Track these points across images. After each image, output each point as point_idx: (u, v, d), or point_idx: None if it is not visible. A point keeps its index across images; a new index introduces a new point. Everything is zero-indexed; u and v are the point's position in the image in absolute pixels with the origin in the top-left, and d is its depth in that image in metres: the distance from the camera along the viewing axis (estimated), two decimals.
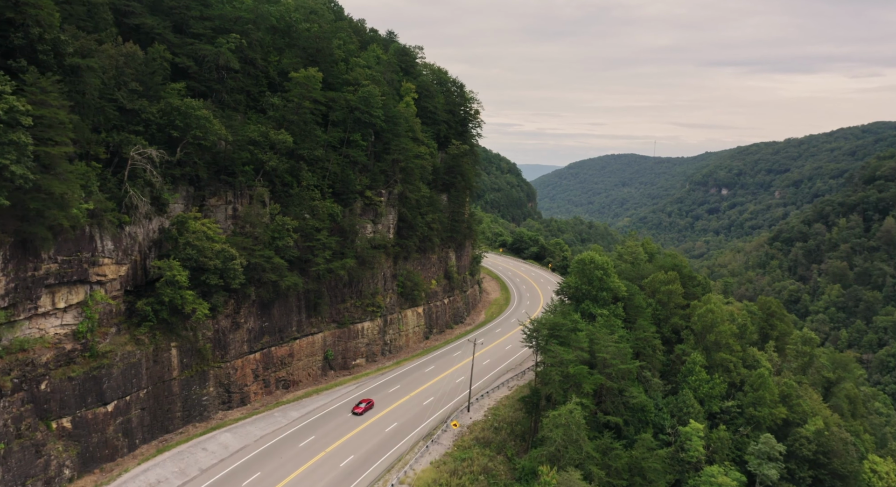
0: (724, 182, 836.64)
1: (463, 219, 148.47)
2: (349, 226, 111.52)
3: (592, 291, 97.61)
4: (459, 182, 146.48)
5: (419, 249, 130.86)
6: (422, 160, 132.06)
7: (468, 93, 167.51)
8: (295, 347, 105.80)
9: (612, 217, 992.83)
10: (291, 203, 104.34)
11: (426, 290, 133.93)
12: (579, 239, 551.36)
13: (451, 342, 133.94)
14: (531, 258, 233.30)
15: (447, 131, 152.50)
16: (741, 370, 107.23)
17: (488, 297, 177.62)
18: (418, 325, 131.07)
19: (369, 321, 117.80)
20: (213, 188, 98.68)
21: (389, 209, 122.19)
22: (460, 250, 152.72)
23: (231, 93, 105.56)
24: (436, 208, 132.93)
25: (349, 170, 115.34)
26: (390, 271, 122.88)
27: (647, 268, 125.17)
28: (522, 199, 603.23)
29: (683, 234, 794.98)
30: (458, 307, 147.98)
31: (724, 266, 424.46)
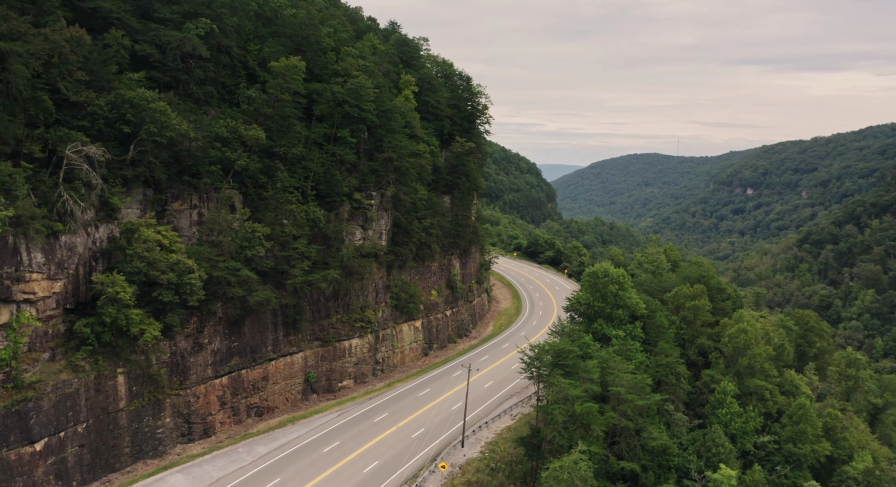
0: (750, 182, 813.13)
1: (468, 223, 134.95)
2: (333, 232, 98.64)
3: (606, 308, 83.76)
4: (464, 183, 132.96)
5: (416, 256, 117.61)
6: (420, 159, 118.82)
7: (475, 87, 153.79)
8: (270, 369, 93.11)
9: (634, 218, 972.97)
10: (266, 207, 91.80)
11: (425, 302, 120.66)
12: (600, 240, 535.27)
13: (453, 359, 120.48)
14: (547, 263, 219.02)
15: (451, 128, 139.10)
16: (778, 398, 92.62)
17: (498, 306, 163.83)
18: (415, 341, 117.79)
19: (358, 337, 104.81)
20: (176, 191, 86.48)
21: (381, 213, 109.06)
22: (465, 256, 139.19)
23: (201, 84, 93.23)
24: (436, 212, 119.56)
25: (335, 170, 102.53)
26: (382, 282, 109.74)
27: (670, 279, 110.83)
28: (542, 199, 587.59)
29: (708, 235, 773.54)
30: (462, 318, 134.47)
31: (751, 269, 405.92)
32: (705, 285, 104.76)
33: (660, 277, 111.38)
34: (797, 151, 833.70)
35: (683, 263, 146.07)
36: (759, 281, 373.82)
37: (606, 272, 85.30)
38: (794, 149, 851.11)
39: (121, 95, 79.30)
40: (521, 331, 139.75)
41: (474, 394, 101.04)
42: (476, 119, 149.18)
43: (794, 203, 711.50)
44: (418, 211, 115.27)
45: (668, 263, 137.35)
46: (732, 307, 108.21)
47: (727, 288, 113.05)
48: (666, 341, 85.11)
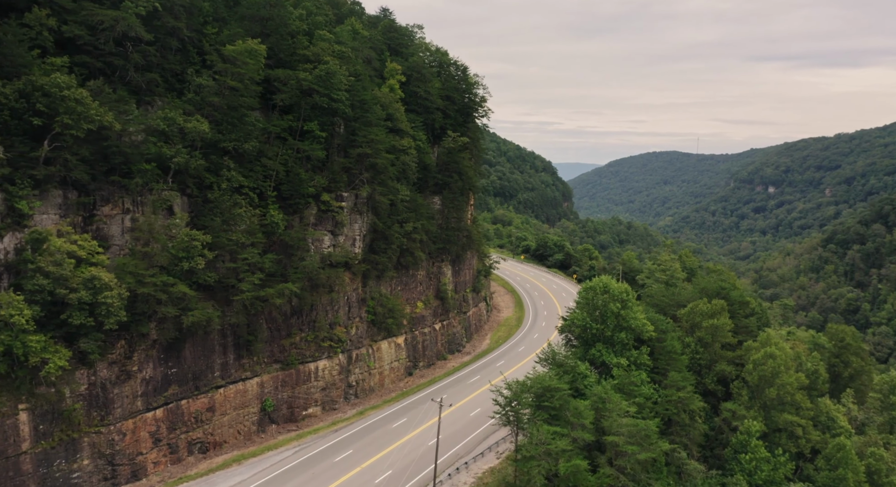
0: (771, 179, 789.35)
1: (461, 226, 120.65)
2: (295, 240, 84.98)
3: (606, 331, 69.28)
4: (456, 182, 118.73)
5: (398, 265, 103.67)
6: (405, 155, 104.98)
7: (472, 77, 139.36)
8: (217, 398, 79.73)
9: (653, 216, 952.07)
10: (210, 212, 78.36)
11: (408, 315, 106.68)
12: (617, 240, 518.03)
13: (440, 379, 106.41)
14: (556, 267, 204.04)
15: (444, 122, 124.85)
16: (812, 435, 77.44)
17: (498, 316, 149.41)
18: (397, 359, 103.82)
19: (326, 359, 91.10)
20: (106, 194, 73.59)
21: (355, 217, 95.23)
22: (459, 263, 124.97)
23: (142, 71, 79.98)
24: (420, 214, 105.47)
25: (299, 168, 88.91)
26: (357, 295, 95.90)
27: (685, 292, 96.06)
28: (557, 198, 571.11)
29: (728, 234, 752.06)
30: (454, 332, 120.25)
31: (774, 270, 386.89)
32: (726, 299, 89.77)
33: (673, 289, 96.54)
34: (820, 148, 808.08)
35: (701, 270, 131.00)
36: (782, 283, 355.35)
37: (606, 288, 70.77)
38: (817, 146, 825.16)
39: (31, 81, 66.56)
40: (519, 345, 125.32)
41: (458, 425, 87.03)
42: (473, 112, 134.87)
43: (818, 201, 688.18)
44: (399, 214, 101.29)
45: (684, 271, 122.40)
46: (757, 325, 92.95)
47: (751, 302, 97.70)
48: (678, 369, 70.49)
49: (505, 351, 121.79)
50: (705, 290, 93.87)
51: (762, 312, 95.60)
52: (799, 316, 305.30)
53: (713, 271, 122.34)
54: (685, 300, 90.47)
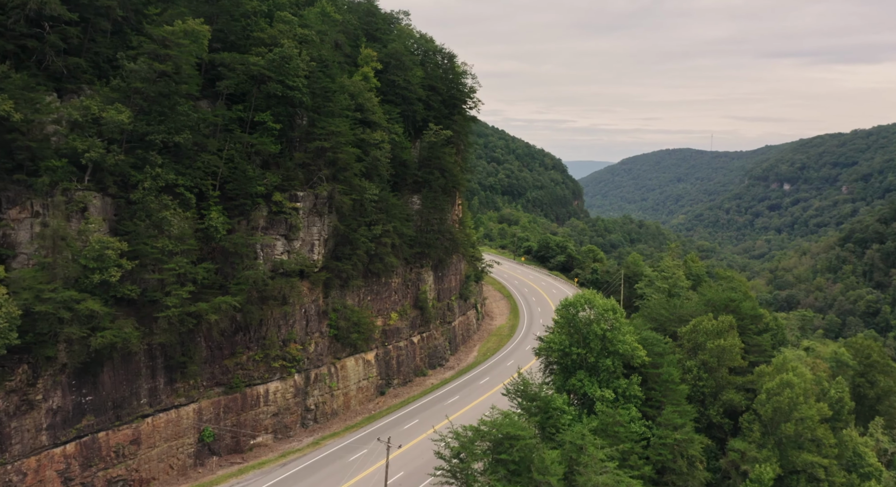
0: (786, 177, 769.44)
1: (443, 228, 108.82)
2: (237, 246, 73.62)
3: (589, 356, 57.33)
4: (437, 179, 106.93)
5: (367, 272, 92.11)
6: (376, 150, 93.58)
7: (460, 65, 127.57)
8: (144, 428, 68.63)
9: (666, 214, 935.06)
10: (132, 215, 67.27)
11: (380, 328, 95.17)
12: (628, 240, 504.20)
13: (416, 399, 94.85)
14: (558, 269, 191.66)
15: (426, 114, 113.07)
16: (836, 477, 64.99)
17: (490, 324, 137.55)
18: (366, 378, 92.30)
19: (278, 380, 79.78)
20: (12, 194, 62.82)
21: (314, 219, 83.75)
22: (442, 268, 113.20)
23: (63, 55, 69.17)
24: (393, 215, 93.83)
25: (246, 164, 77.54)
26: (316, 307, 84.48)
27: (689, 304, 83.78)
28: (567, 197, 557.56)
29: (742, 232, 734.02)
30: (435, 345, 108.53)
31: (789, 270, 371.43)
32: (735, 313, 77.38)
33: (675, 300, 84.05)
34: (836, 145, 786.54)
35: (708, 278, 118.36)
36: (798, 284, 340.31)
37: (589, 303, 58.79)
38: (833, 142, 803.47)
39: None
40: (508, 359, 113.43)
41: (426, 457, 75.28)
42: (460, 104, 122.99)
43: (834, 199, 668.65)
44: (368, 215, 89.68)
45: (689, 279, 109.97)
46: (772, 343, 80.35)
47: (765, 315, 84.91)
48: (675, 402, 58.44)
49: (492, 365, 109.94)
50: (712, 302, 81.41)
51: (778, 328, 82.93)
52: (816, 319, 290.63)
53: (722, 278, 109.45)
54: (688, 314, 78.10)
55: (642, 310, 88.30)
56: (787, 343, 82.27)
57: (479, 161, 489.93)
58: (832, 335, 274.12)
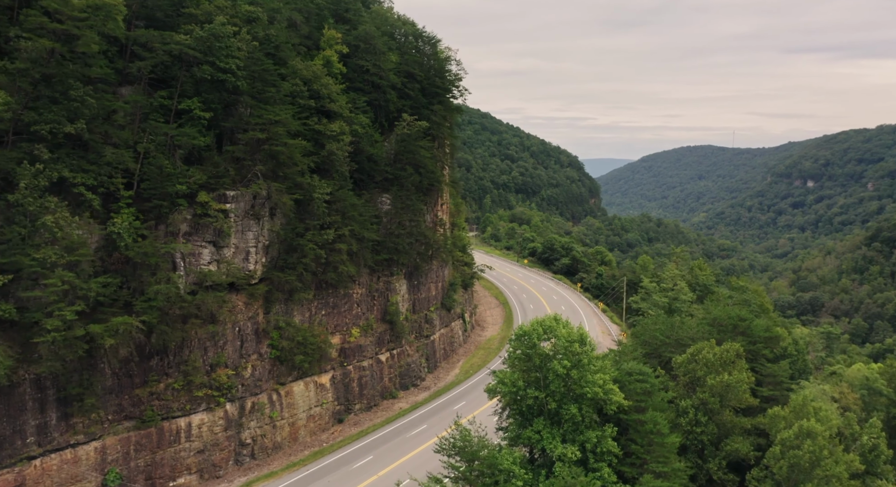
0: (810, 173, 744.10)
1: (418, 231, 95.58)
2: (146, 256, 61.10)
3: (550, 402, 43.92)
4: (411, 177, 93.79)
5: (321, 283, 79.23)
6: (332, 143, 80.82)
7: (443, 50, 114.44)
8: (30, 472, 56.56)
9: (687, 212, 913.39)
10: (10, 219, 55.15)
11: (337, 346, 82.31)
12: (646, 239, 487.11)
13: (378, 428, 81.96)
14: (562, 273, 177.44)
15: (401, 104, 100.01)
16: None
17: (480, 335, 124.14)
18: (319, 404, 79.49)
19: (204, 411, 67.27)
20: None
21: (249, 223, 71.05)
22: (418, 276, 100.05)
23: None
24: (350, 217, 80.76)
25: (164, 159, 65.09)
26: (253, 325, 71.81)
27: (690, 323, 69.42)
28: (584, 195, 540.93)
29: (765, 230, 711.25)
30: (409, 362, 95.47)
31: (813, 271, 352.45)
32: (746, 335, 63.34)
33: (673, 319, 69.84)
34: (861, 141, 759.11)
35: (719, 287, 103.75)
36: (822, 286, 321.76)
37: (549, 331, 45.21)
38: (858, 138, 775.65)
39: None
40: None
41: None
42: (442, 93, 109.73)
43: (859, 196, 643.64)
44: (318, 217, 76.74)
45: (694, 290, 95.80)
46: (790, 372, 65.81)
47: (782, 336, 69.99)
48: (663, 460, 44.83)
49: (472, 386, 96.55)
50: (717, 322, 67.27)
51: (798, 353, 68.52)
52: (841, 323, 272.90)
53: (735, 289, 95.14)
54: (688, 338, 64.12)
55: (634, 331, 74.36)
56: (808, 372, 68.06)
57: (492, 159, 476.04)
58: (858, 340, 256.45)
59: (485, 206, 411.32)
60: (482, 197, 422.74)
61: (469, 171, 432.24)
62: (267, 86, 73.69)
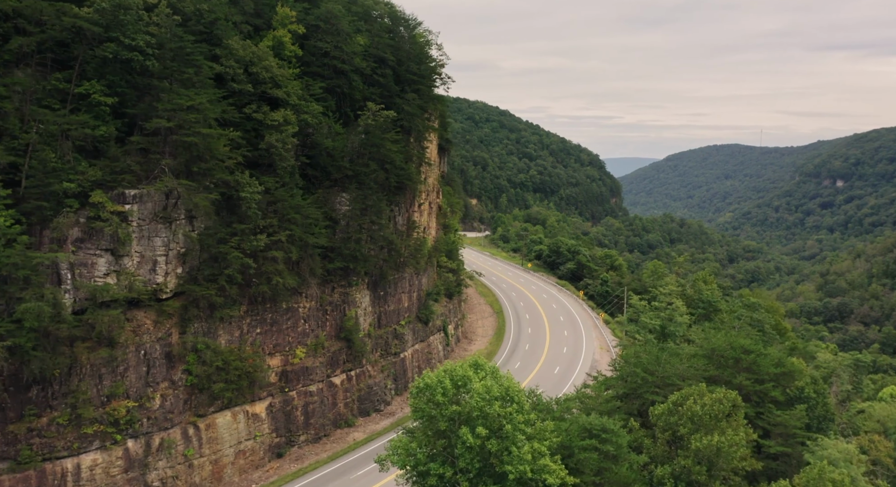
0: (840, 173, 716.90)
1: (381, 235, 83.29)
2: (13, 267, 49.75)
3: (462, 482, 31.37)
4: (375, 173, 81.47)
5: (255, 298, 67.33)
6: (273, 134, 69.12)
7: (421, 34, 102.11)
8: None
9: (713, 212, 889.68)
10: None
11: (281, 368, 70.47)
12: (668, 239, 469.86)
13: (323, 465, 69.95)
14: (567, 278, 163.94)
15: (369, 91, 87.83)
16: None
17: (466, 349, 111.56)
18: (251, 437, 67.70)
19: (98, 450, 55.92)
20: None
21: (157, 228, 59.40)
22: (386, 286, 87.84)
23: None
24: (290, 220, 68.73)
25: (49, 152, 53.86)
26: (164, 348, 60.18)
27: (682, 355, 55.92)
28: (604, 194, 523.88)
29: (792, 231, 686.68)
30: (371, 385, 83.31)
31: (841, 275, 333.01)
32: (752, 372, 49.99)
33: (661, 351, 56.13)
34: (893, 139, 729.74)
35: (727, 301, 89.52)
36: (851, 291, 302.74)
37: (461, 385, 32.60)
38: (890, 136, 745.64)
39: None
40: None
41: None
42: (421, 81, 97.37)
43: (891, 196, 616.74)
44: (249, 220, 64.88)
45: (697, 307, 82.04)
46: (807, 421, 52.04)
47: (797, 372, 56.29)
48: None
49: None
50: (717, 354, 53.93)
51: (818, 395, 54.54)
52: (871, 331, 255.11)
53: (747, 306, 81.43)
54: (678, 375, 50.89)
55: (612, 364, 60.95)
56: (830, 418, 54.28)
57: (509, 157, 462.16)
58: (889, 350, 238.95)
59: (500, 205, 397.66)
60: (498, 196, 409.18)
61: (485, 169, 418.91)
62: (185, 66, 61.95)
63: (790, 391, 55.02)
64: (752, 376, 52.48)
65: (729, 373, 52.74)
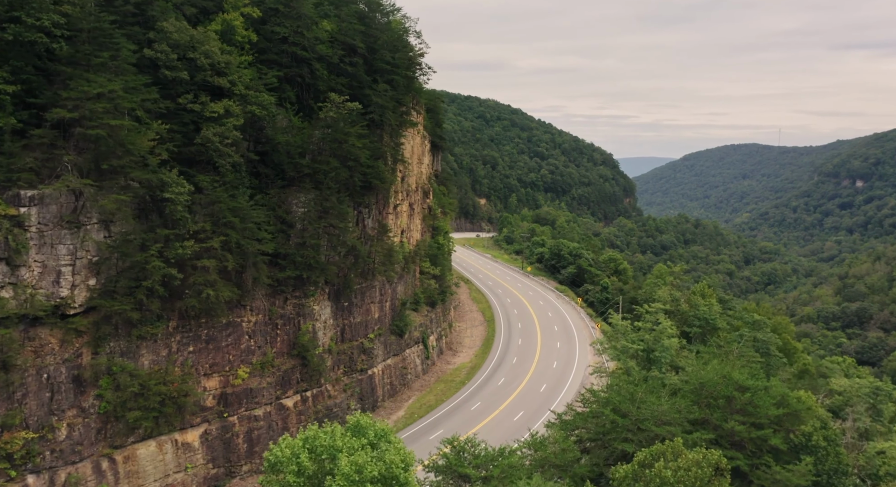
0: (859, 173, 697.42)
1: (340, 242, 74.72)
2: None
3: None
4: (336, 172, 72.88)
5: (186, 311, 59.03)
6: (214, 126, 61.15)
7: (398, 20, 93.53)
8: None
9: (729, 213, 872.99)
10: None
11: (219, 391, 62.29)
12: (682, 240, 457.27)
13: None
14: (567, 283, 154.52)
15: (335, 81, 79.39)
16: None
17: (449, 362, 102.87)
18: (181, 470, 59.56)
19: None
20: None
21: (61, 234, 51.27)
22: (350, 296, 79.29)
23: None
24: (226, 225, 60.30)
25: None
26: (70, 371, 52.16)
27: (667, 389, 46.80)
28: (618, 194, 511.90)
29: (811, 232, 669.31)
30: (332, 405, 74.87)
31: (861, 278, 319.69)
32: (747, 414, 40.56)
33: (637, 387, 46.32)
34: None
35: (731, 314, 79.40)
36: (870, 295, 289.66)
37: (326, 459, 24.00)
38: None
39: None
40: (445, 422, 78.69)
41: None
42: (395, 71, 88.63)
43: None
44: (176, 226, 56.63)
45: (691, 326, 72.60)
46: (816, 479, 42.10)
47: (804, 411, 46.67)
48: None
49: (414, 435, 75.27)
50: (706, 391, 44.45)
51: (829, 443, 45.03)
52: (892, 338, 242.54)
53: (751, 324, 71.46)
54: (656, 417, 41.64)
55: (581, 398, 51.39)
56: (844, 472, 44.80)
57: (520, 156, 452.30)
58: None
59: (510, 205, 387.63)
60: (508, 196, 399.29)
61: (495, 168, 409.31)
62: (100, 50, 53.73)
63: (795, 436, 45.61)
64: (747, 419, 43.30)
65: (719, 416, 43.67)
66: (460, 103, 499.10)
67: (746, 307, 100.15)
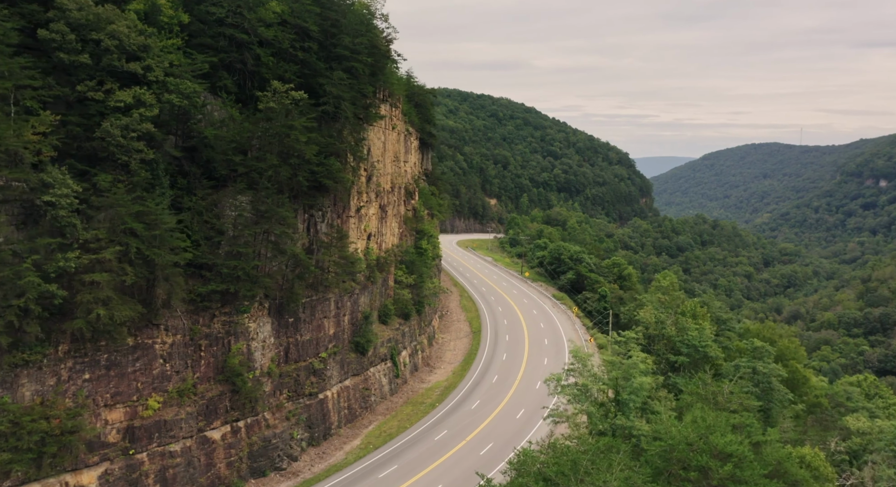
0: (883, 172, 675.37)
1: (280, 250, 65.26)
2: None
3: None
4: (277, 171, 63.52)
5: (80, 334, 49.87)
6: (116, 119, 51.97)
7: (364, 4, 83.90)
8: None
9: (749, 213, 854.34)
10: None
11: (126, 424, 53.17)
12: (699, 241, 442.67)
13: None
14: (566, 289, 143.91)
15: (282, 70, 70.06)
16: None
17: (424, 379, 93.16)
18: None
19: None
20: None
21: None
22: (297, 311, 69.79)
23: None
24: (128, 232, 51.03)
25: None
26: None
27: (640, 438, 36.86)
28: (633, 194, 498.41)
29: (832, 233, 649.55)
30: (271, 436, 65.46)
31: (884, 282, 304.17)
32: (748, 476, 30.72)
33: (595, 441, 36.18)
34: None
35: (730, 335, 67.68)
36: (894, 300, 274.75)
37: None
38: None
39: None
40: (411, 449, 69.00)
41: None
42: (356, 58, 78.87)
43: None
44: (63, 234, 47.53)
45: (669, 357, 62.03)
46: None
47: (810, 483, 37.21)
48: None
49: (367, 469, 65.64)
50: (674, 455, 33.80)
51: None
52: None
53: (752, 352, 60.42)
54: None
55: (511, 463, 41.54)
56: None
57: (533, 155, 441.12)
58: None
59: (521, 205, 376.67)
60: (519, 196, 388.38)
61: (506, 168, 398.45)
62: None
63: None
64: None
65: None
66: (472, 102, 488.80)
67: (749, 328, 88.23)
